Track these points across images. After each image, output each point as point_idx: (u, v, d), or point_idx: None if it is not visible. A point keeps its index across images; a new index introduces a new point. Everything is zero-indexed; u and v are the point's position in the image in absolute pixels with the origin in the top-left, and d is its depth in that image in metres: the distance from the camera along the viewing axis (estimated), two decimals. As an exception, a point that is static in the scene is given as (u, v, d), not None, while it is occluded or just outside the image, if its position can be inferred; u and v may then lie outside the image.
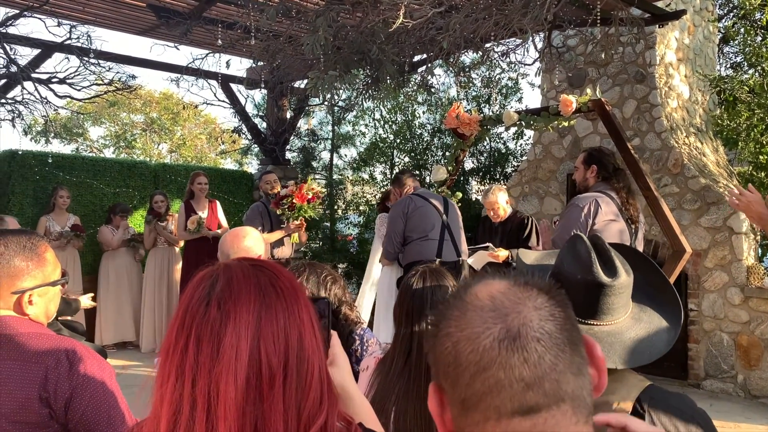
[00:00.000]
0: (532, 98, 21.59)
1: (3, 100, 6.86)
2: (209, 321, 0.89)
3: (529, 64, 6.08)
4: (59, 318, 4.37)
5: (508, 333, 0.76)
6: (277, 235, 5.91)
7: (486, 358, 0.75)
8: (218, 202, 7.27)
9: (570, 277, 1.30)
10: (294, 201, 5.80)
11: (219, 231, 6.83)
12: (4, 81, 6.77)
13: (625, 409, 1.21)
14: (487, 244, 5.06)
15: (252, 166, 15.42)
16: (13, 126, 7.18)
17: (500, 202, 5.27)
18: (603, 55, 6.38)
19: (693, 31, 7.33)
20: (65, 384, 1.52)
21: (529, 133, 9.93)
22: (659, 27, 5.82)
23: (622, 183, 4.01)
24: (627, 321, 1.33)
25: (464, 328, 0.78)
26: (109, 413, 1.57)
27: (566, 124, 5.14)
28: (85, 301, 4.53)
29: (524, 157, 9.46)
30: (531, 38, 4.83)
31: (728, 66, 10.34)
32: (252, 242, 2.61)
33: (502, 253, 4.95)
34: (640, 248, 4.09)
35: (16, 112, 7.04)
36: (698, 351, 6.21)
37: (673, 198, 6.34)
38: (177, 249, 7.42)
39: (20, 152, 7.40)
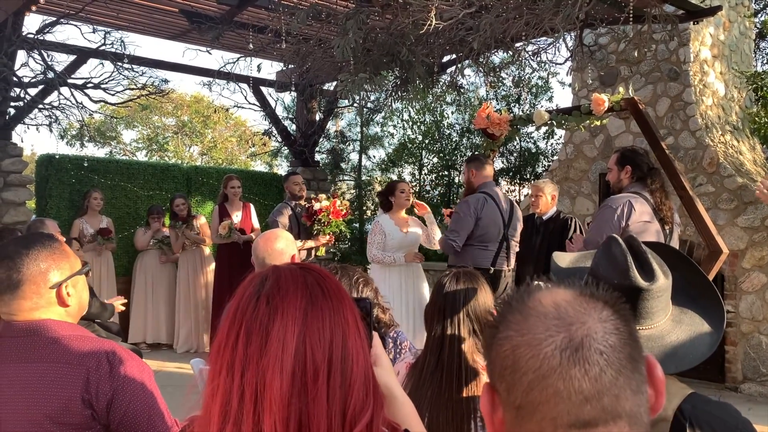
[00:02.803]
0: (563, 97, 21.42)
1: (40, 106, 7.02)
2: (258, 316, 0.93)
3: (560, 63, 6.03)
4: (96, 321, 4.46)
5: (571, 343, 0.74)
6: (307, 244, 5.93)
7: (546, 366, 0.74)
8: (252, 205, 7.33)
9: (606, 281, 1.27)
10: (330, 218, 5.78)
11: (252, 235, 6.87)
12: (41, 87, 6.93)
13: (665, 418, 1.19)
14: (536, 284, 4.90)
15: (282, 168, 15.55)
16: (50, 131, 7.34)
17: (545, 192, 5.22)
18: (636, 53, 6.28)
19: (728, 27, 7.18)
20: (106, 385, 1.55)
21: (560, 132, 9.84)
22: (694, 24, 5.72)
23: (657, 183, 3.94)
24: (667, 324, 1.30)
25: (525, 333, 0.77)
26: (149, 413, 1.60)
27: (598, 123, 5.07)
28: (117, 305, 4.65)
29: (555, 157, 9.37)
30: (562, 37, 4.78)
31: (765, 62, 10.12)
32: (285, 244, 2.64)
33: None
34: None
35: (53, 117, 7.20)
36: (736, 353, 6.09)
37: (708, 197, 6.22)
38: (208, 250, 7.50)
39: (57, 156, 7.57)
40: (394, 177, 13.13)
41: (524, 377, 0.75)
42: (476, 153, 5.82)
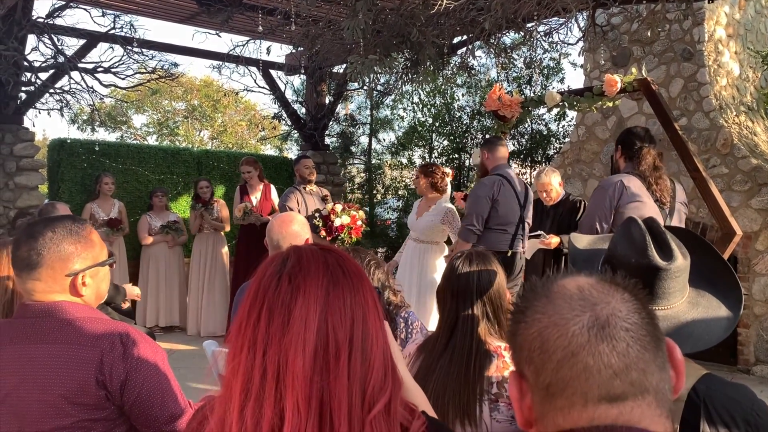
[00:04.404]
0: (574, 78, 21.25)
1: (51, 90, 7.04)
2: (280, 294, 0.93)
3: (572, 44, 5.95)
4: (110, 303, 4.49)
5: (597, 321, 0.77)
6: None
7: (574, 343, 0.77)
8: (272, 186, 7.31)
9: (624, 260, 1.27)
10: (351, 235, 5.71)
11: (269, 217, 6.87)
12: (52, 71, 6.94)
13: (680, 398, 1.18)
14: (539, 231, 4.94)
15: (292, 152, 15.55)
16: (62, 115, 7.37)
17: (553, 184, 5.19)
18: (649, 33, 6.20)
19: (744, 5, 7.06)
20: (120, 367, 1.56)
21: (571, 114, 9.76)
22: (708, 2, 5.62)
23: (644, 163, 3.86)
24: (683, 306, 1.30)
25: (552, 314, 0.80)
26: (163, 394, 1.61)
27: (610, 104, 5.02)
28: (132, 289, 4.63)
29: (567, 139, 9.31)
30: (574, 17, 4.72)
31: (781, 41, 9.95)
32: (299, 227, 2.64)
33: (554, 240, 4.87)
34: None
35: (64, 101, 7.22)
36: (748, 336, 6.06)
37: (722, 179, 6.16)
38: (222, 234, 7.53)
39: (69, 141, 7.60)
40: (404, 160, 13.09)
41: (553, 356, 0.78)
42: (490, 136, 5.71)
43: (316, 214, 5.76)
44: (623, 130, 4.10)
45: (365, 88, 8.97)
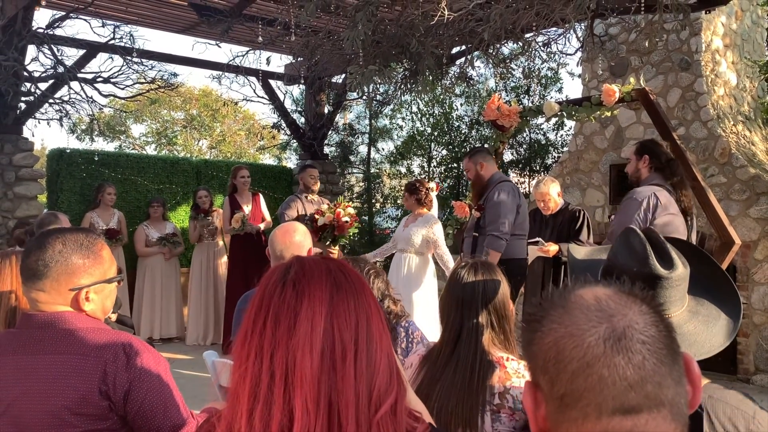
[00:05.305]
0: (573, 88, 21.34)
1: (51, 100, 7.05)
2: (285, 299, 0.95)
3: (570, 54, 5.98)
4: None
5: (614, 333, 0.77)
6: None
7: (590, 354, 0.76)
8: (261, 195, 7.34)
9: (625, 269, 1.28)
10: (336, 233, 5.60)
11: (261, 226, 6.88)
12: (51, 81, 6.95)
13: None
14: (537, 239, 4.97)
15: (291, 161, 15.57)
16: (61, 125, 7.38)
17: (552, 194, 5.19)
18: (646, 43, 6.23)
19: (741, 16, 7.11)
20: (123, 377, 1.56)
21: (569, 123, 9.80)
22: (706, 13, 5.65)
23: (676, 175, 3.91)
24: (684, 314, 1.30)
25: (568, 325, 0.79)
26: (165, 405, 1.61)
27: (609, 114, 5.05)
28: None
29: (565, 149, 9.33)
30: (573, 27, 4.75)
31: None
32: (302, 237, 2.65)
33: (552, 248, 4.89)
34: (694, 240, 4.01)
35: (64, 111, 7.23)
36: (748, 345, 6.06)
37: (720, 188, 6.18)
38: (221, 243, 7.53)
39: (68, 151, 7.60)
40: (403, 170, 13.12)
41: (568, 366, 0.77)
42: (477, 147, 5.75)
43: (306, 218, 5.76)
44: (647, 140, 4.13)
45: (364, 97, 9.00)
